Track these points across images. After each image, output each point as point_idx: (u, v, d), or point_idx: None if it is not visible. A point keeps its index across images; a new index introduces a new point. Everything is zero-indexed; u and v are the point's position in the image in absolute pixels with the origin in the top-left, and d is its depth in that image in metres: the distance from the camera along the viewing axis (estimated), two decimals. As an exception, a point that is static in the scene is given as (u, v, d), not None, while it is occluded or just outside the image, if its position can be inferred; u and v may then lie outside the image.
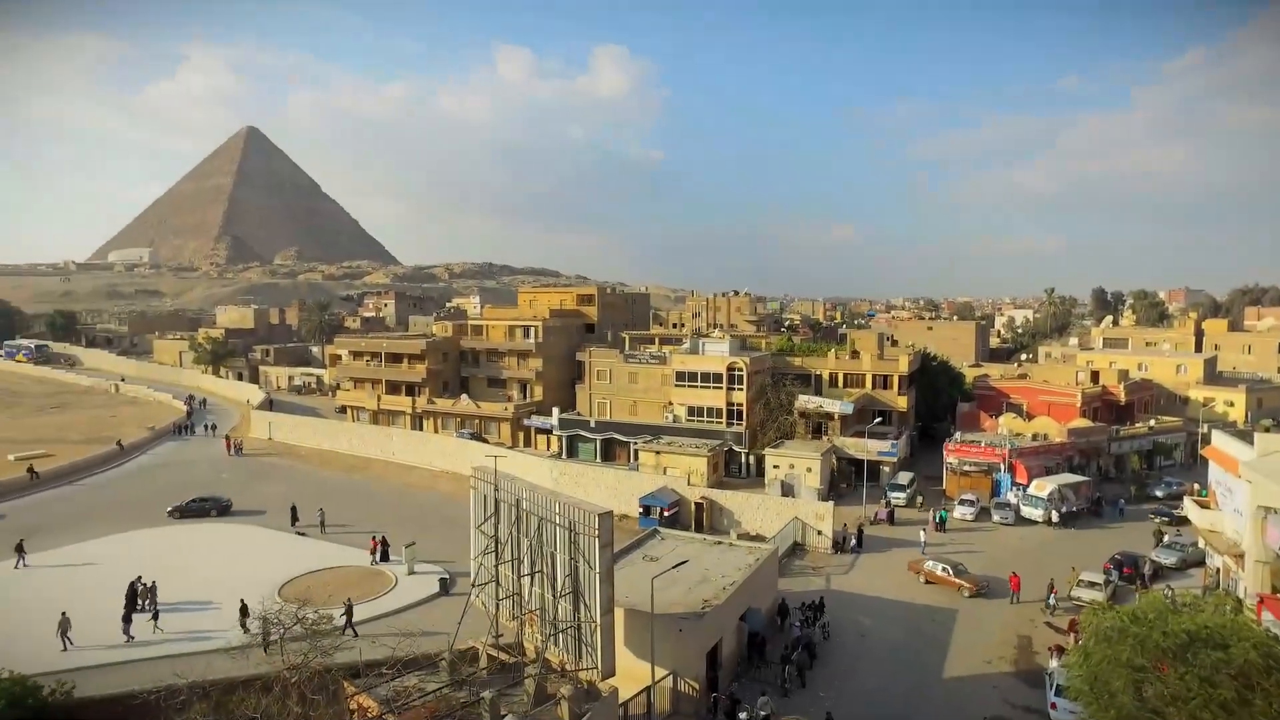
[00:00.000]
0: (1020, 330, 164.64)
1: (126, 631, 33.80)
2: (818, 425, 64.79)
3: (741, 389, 63.37)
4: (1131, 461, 63.71)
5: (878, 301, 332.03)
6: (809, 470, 55.39)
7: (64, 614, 33.29)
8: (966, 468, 57.46)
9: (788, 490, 54.59)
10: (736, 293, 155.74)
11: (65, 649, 31.86)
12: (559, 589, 26.33)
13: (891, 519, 50.98)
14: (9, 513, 53.23)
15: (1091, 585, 37.68)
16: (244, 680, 25.60)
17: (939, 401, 75.33)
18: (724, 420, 63.78)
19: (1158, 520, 50.06)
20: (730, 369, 63.67)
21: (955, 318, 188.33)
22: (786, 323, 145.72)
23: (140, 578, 37.60)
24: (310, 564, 43.01)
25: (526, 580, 27.89)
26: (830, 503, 48.27)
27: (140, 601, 36.23)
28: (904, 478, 57.41)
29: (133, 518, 51.69)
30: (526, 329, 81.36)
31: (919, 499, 55.10)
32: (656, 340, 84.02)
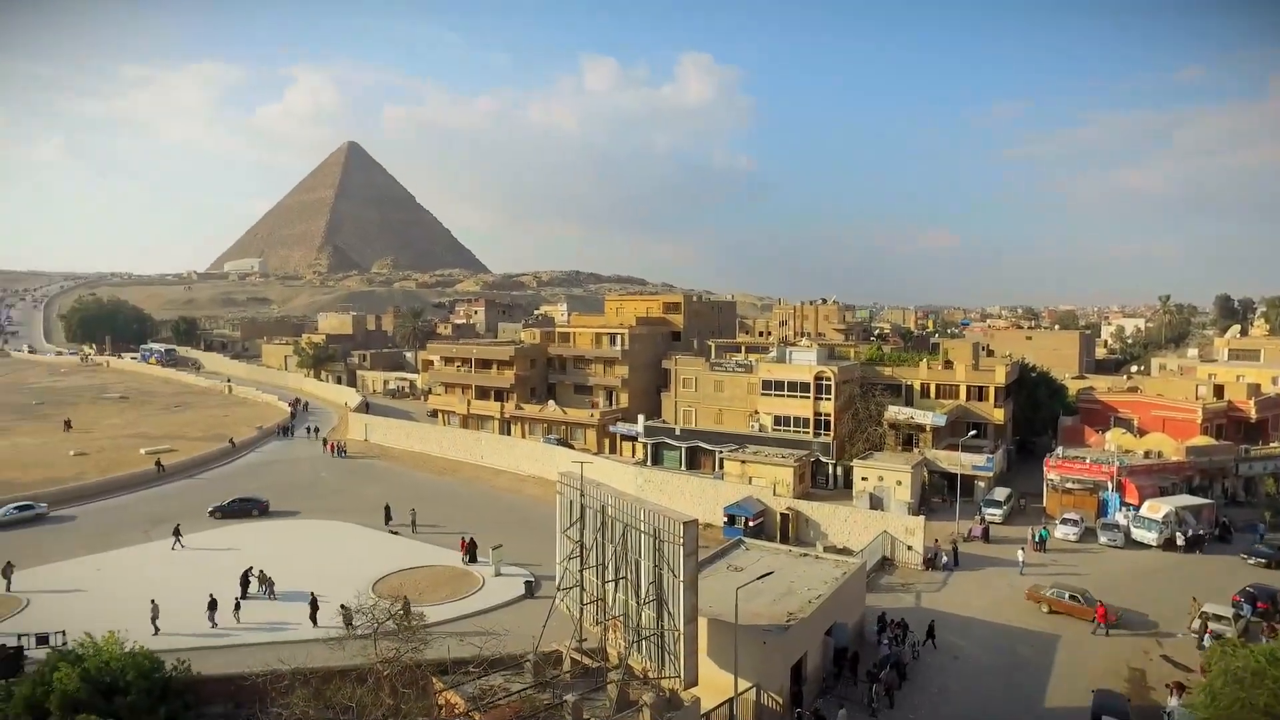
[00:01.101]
0: (1130, 340, 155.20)
1: (235, 616, 36.01)
2: (908, 437, 62.71)
3: (829, 398, 62.03)
4: (1266, 484, 58.61)
5: (972, 310, 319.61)
6: (899, 483, 53.64)
7: (153, 601, 35.67)
8: (1069, 485, 54.37)
9: (876, 503, 53.03)
10: (824, 300, 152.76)
11: (155, 634, 33.67)
12: (643, 596, 26.32)
13: (986, 536, 48.74)
14: (142, 501, 57.44)
15: (1218, 619, 34.59)
16: (340, 670, 26.72)
17: (1039, 415, 71.71)
18: (811, 430, 62.57)
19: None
20: (818, 378, 62.45)
21: (1057, 327, 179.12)
22: (876, 331, 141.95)
23: (252, 567, 40.23)
24: (402, 562, 44.47)
25: (611, 586, 28.00)
26: (921, 517, 46.54)
27: (260, 588, 39.05)
28: (1000, 493, 54.84)
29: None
30: (613, 336, 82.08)
31: (1021, 503, 52.26)
32: (742, 348, 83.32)
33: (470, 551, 44.75)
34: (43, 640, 32.27)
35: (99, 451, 73.03)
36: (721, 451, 63.07)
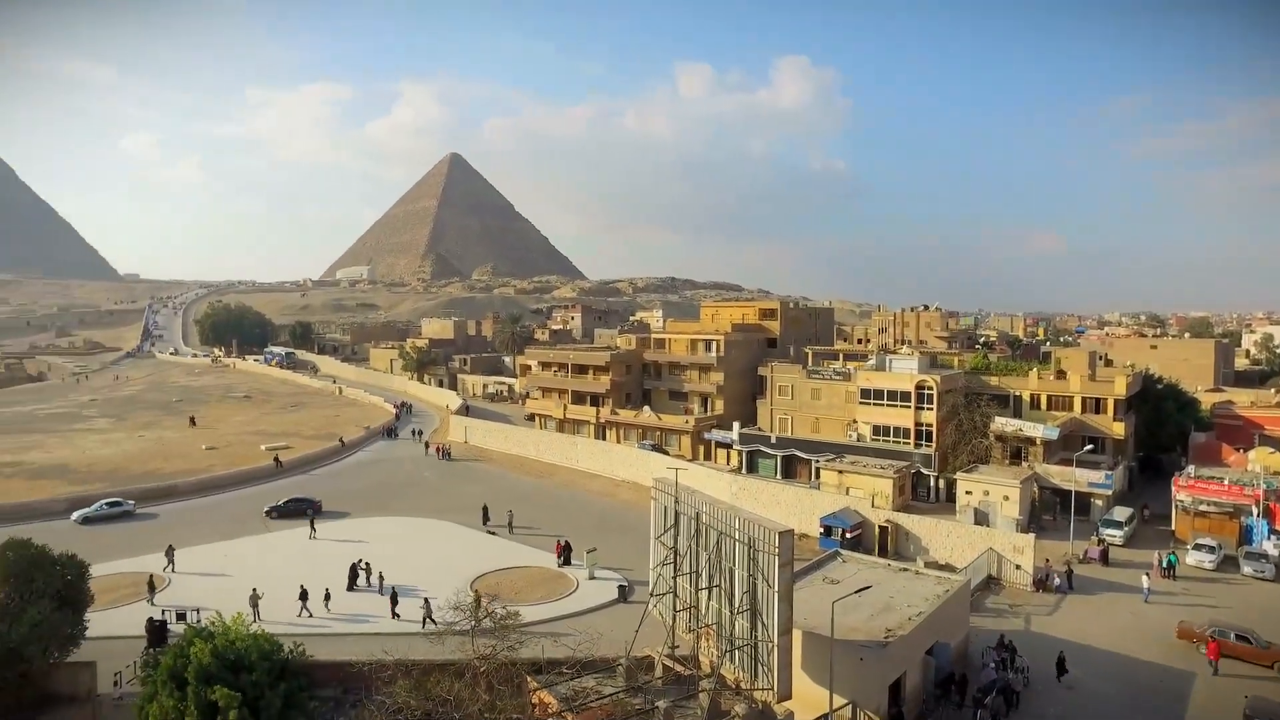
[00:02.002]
0: (1279, 350, 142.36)
1: (325, 606, 38.04)
2: (1016, 450, 59.61)
3: (931, 408, 59.78)
4: None
5: (1088, 317, 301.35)
6: (1006, 498, 51.08)
7: (255, 589, 37.85)
8: (1204, 507, 50.24)
9: (981, 519, 50.65)
10: (926, 307, 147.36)
11: (255, 620, 35.61)
12: (736, 605, 26.06)
13: (1105, 559, 45.64)
14: (262, 495, 61.21)
15: None
16: (440, 664, 27.62)
17: (1165, 430, 66.72)
18: (912, 441, 60.45)
19: None
20: (919, 387, 60.30)
21: (1187, 335, 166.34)
22: (981, 339, 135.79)
23: (361, 559, 42.36)
24: (499, 562, 45.67)
25: (704, 594, 27.86)
26: (1031, 535, 44.03)
27: (365, 579, 41.10)
28: (1121, 513, 51.30)
29: (352, 507, 57.62)
30: (708, 343, 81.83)
31: (1145, 514, 48.59)
32: (840, 356, 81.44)
33: (565, 554, 45.47)
34: (181, 617, 35.32)
35: (226, 446, 78.49)
36: (818, 461, 61.78)
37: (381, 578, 41.15)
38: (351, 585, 40.52)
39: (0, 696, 25.88)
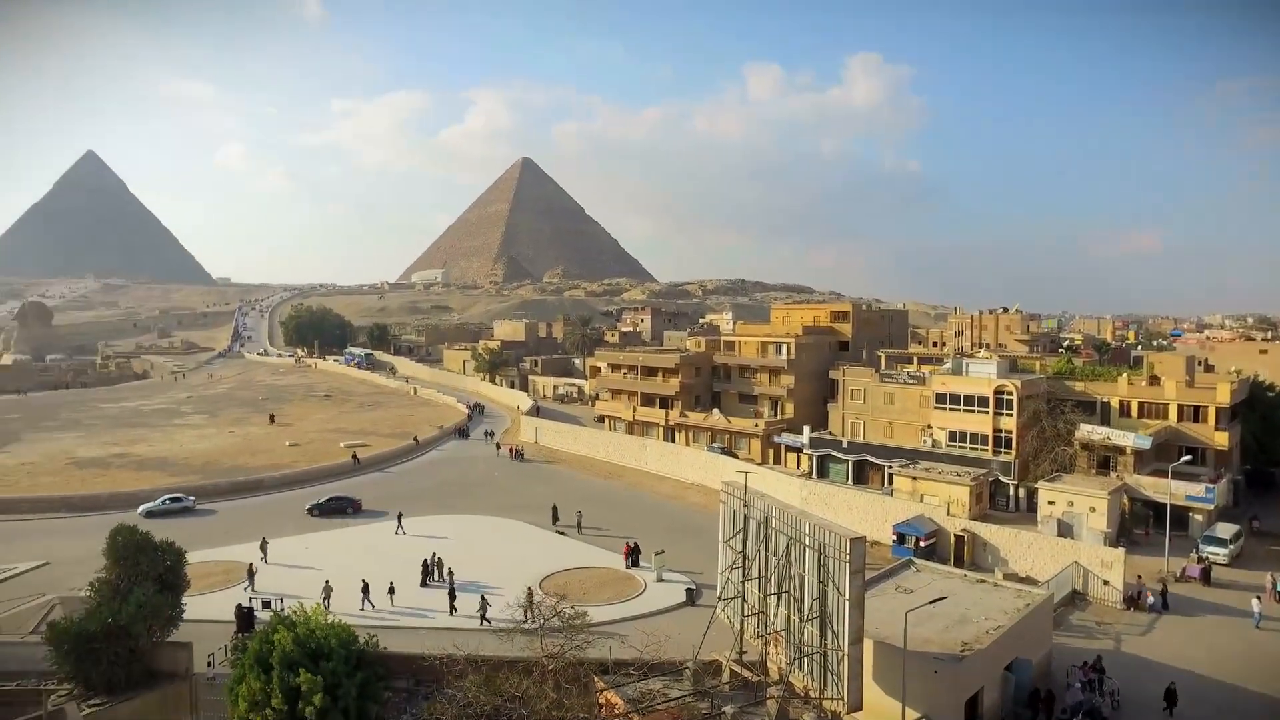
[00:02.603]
0: None
1: (389, 599, 39.21)
2: (1104, 460, 56.79)
3: (1011, 414, 57.55)
4: None
5: (1185, 319, 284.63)
6: (1093, 510, 48.65)
7: (326, 581, 39.39)
8: (1314, 524, 46.84)
9: (1065, 530, 48.41)
10: (1005, 309, 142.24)
11: (328, 610, 36.90)
12: (806, 612, 25.65)
13: (1206, 578, 42.85)
14: (342, 489, 63.57)
15: None
16: (509, 661, 28.08)
17: (1277, 441, 62.42)
18: (990, 447, 58.33)
19: None
20: (998, 392, 58.15)
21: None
22: (1065, 343, 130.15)
23: (435, 554, 43.44)
24: (568, 561, 46.15)
25: (773, 599, 27.52)
26: (1120, 550, 41.73)
27: (432, 574, 42.12)
28: (1225, 530, 48.12)
29: (425, 504, 59.19)
30: (778, 345, 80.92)
31: (1255, 526, 45.43)
32: (915, 359, 79.34)
33: (633, 556, 45.60)
34: (266, 605, 37.15)
35: (308, 443, 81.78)
36: (891, 466, 60.27)
37: (451, 574, 42.05)
38: (424, 581, 41.62)
39: (112, 669, 27.69)
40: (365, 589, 39.24)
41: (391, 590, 39.89)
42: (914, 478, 56.42)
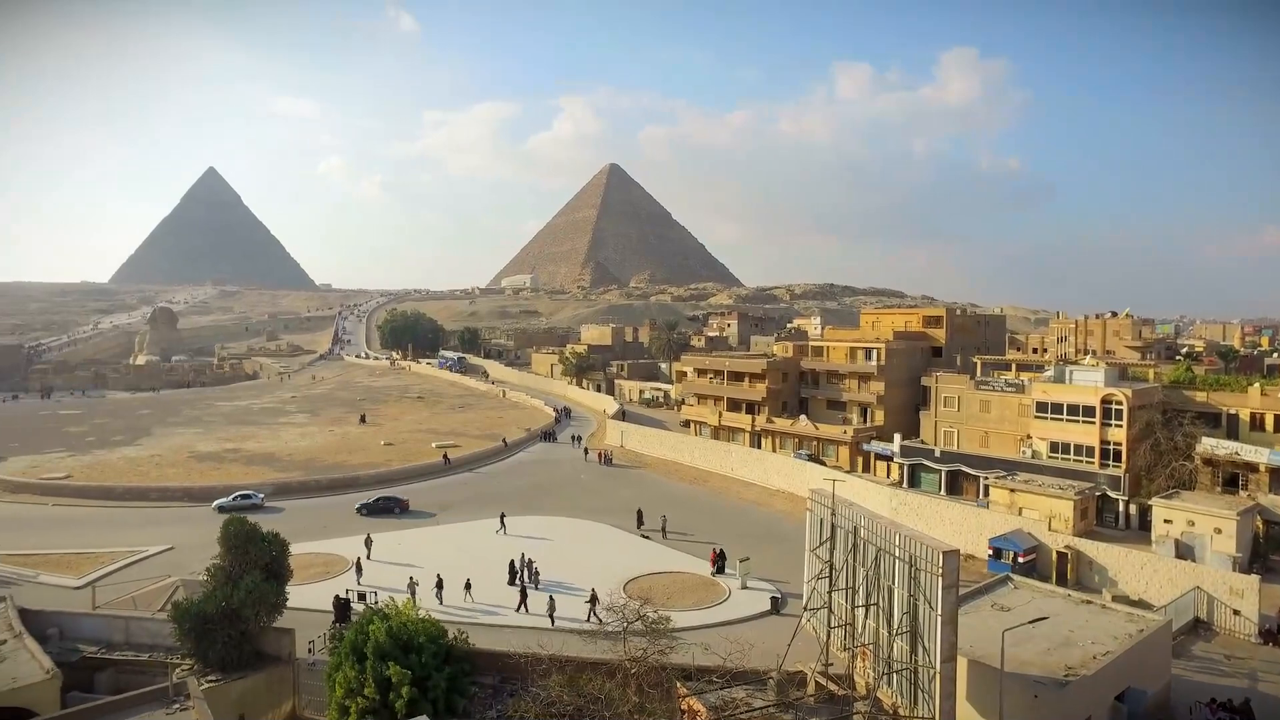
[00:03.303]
0: None
1: (466, 596, 40.18)
2: (1231, 477, 52.68)
3: (1120, 425, 54.16)
4: None
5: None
6: (1218, 531, 45.12)
7: (411, 577, 40.79)
8: None
9: (1185, 552, 45.07)
10: (1114, 314, 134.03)
11: (440, 605, 38.01)
12: (895, 626, 24.79)
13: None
14: (433, 489, 65.88)
15: None
16: (592, 662, 28.27)
17: None
18: (1096, 460, 55.04)
19: None
20: (1106, 401, 54.83)
21: None
22: (1184, 349, 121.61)
23: (525, 554, 44.21)
24: (652, 566, 46.17)
25: (860, 611, 26.74)
26: (1255, 577, 38.10)
27: (521, 574, 42.63)
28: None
29: (513, 505, 60.41)
30: (868, 351, 78.88)
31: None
32: (1013, 366, 75.82)
33: (719, 562, 45.22)
34: (361, 597, 38.71)
35: (402, 443, 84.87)
36: (987, 478, 57.70)
37: (536, 574, 42.74)
38: (512, 580, 42.35)
39: (226, 649, 29.63)
40: (439, 584, 40.52)
41: (468, 586, 40.87)
42: (1012, 490, 53.83)
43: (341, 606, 36.40)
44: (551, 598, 38.67)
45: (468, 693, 28.28)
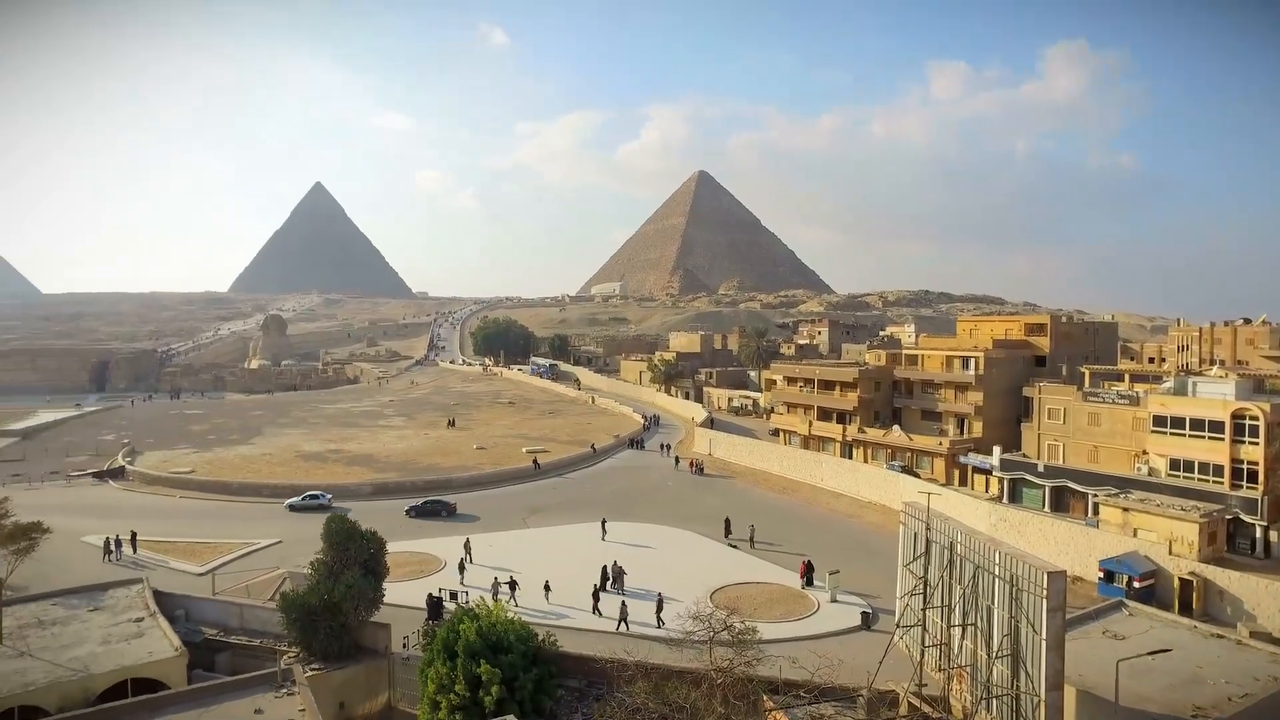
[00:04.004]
0: None
1: (545, 597, 41.05)
2: (1382, 500, 47.74)
3: (1255, 442, 49.97)
4: None
5: None
6: (1365, 560, 40.98)
7: (495, 578, 41.80)
8: None
9: (1329, 582, 41.03)
10: (1247, 320, 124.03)
11: (515, 607, 38.59)
12: (994, 648, 23.59)
13: None
14: (523, 493, 67.31)
15: None
16: (678, 670, 28.11)
17: None
18: (1226, 480, 50.95)
19: None
20: (1238, 416, 50.72)
21: None
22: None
23: (615, 561, 44.41)
24: (739, 575, 45.63)
25: (957, 631, 25.59)
26: None
27: (611, 581, 42.92)
28: None
29: (600, 511, 60.90)
30: (965, 360, 75.80)
31: None
32: (1126, 377, 71.13)
33: (807, 574, 44.26)
34: (453, 597, 39.76)
35: (493, 447, 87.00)
36: (1096, 495, 54.25)
37: (622, 579, 42.88)
38: (603, 586, 42.50)
39: (328, 640, 31.18)
40: (512, 584, 41.39)
41: (547, 588, 41.56)
42: (1126, 509, 50.41)
43: (434, 605, 37.54)
44: (624, 603, 38.95)
45: (554, 694, 28.65)
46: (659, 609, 38.47)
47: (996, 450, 64.35)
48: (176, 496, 66.84)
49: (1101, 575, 42.27)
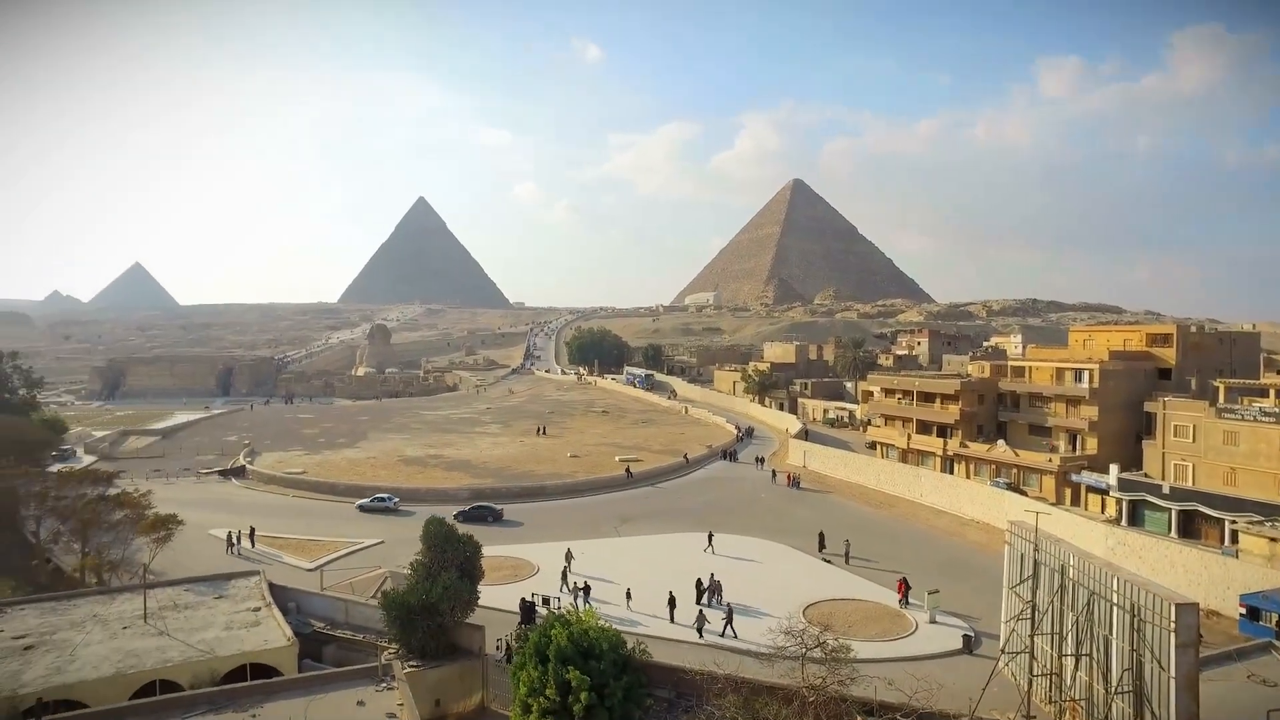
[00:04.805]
0: None
1: (627, 605, 40.78)
2: None
3: None
4: None
5: None
6: None
7: (575, 583, 42.49)
8: None
9: None
10: None
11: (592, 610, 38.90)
12: (1113, 683, 21.98)
13: None
14: (614, 501, 67.85)
15: None
16: (768, 686, 27.53)
17: None
18: (1384, 508, 45.94)
19: None
20: (1397, 437, 45.70)
21: None
22: None
23: (713, 574, 43.79)
24: (833, 591, 44.39)
25: (1070, 661, 24.02)
26: None
27: (708, 595, 42.30)
28: None
29: (690, 521, 60.75)
30: (1078, 372, 71.49)
31: None
32: (1270, 392, 65.34)
33: (905, 593, 42.59)
34: (545, 602, 40.26)
35: (587, 455, 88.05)
36: (1234, 521, 49.93)
37: (720, 592, 42.37)
38: (699, 599, 42.05)
39: (426, 639, 32.37)
40: (586, 589, 41.96)
41: (629, 595, 41.77)
42: (1273, 539, 46.11)
43: (527, 609, 38.17)
44: (701, 613, 38.90)
45: (643, 704, 28.55)
46: (728, 620, 38.37)
47: (1114, 469, 60.26)
48: (289, 495, 70.86)
49: (1244, 611, 38.58)
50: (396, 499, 65.99)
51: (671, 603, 40.40)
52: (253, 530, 54.43)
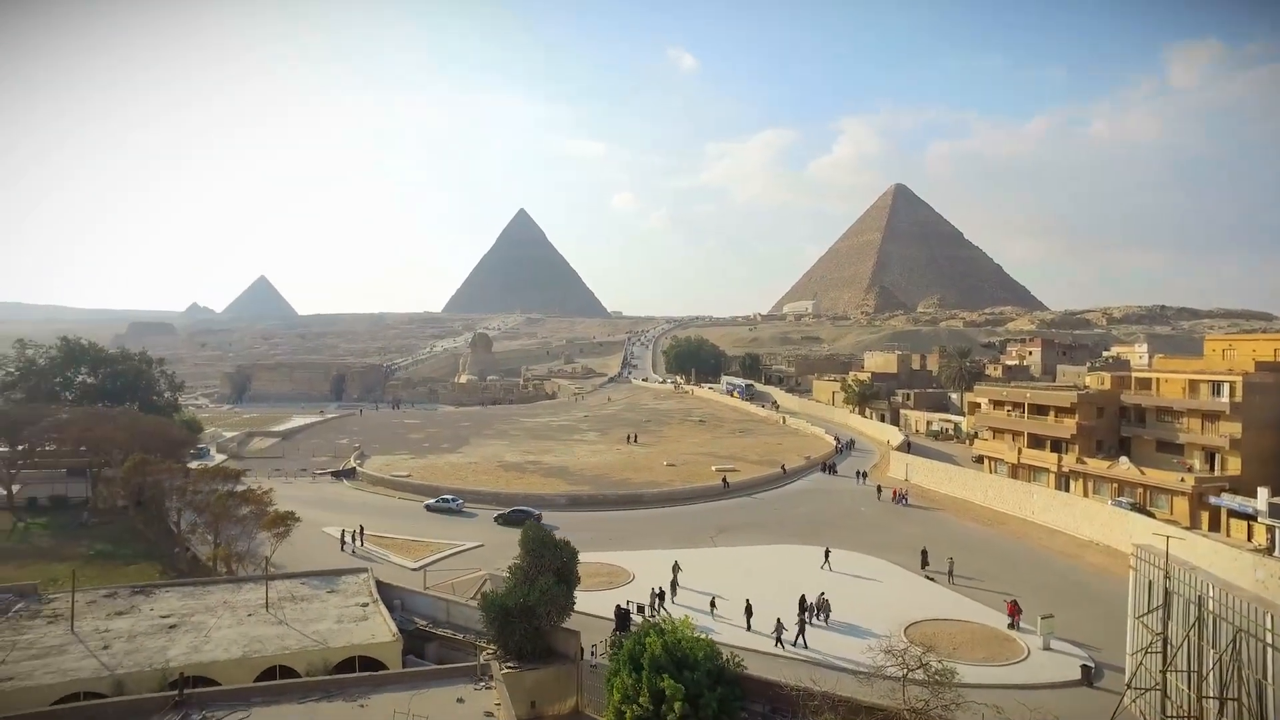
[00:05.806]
0: None
1: (746, 622, 40.07)
2: None
3: None
4: None
5: None
6: None
7: (653, 589, 42.50)
8: None
9: None
10: None
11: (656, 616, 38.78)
12: (1260, 726, 20.05)
13: None
14: (710, 511, 67.48)
15: None
16: (867, 706, 26.61)
17: None
18: None
19: None
20: None
21: None
22: None
23: (822, 593, 42.52)
24: (937, 611, 42.55)
25: (1212, 705, 22.08)
26: None
27: (812, 613, 41.12)
28: None
29: (786, 533, 59.60)
30: (1216, 385, 65.94)
31: None
32: None
33: (1015, 616, 40.33)
34: (640, 610, 40.46)
35: (683, 464, 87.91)
36: (1400, 552, 44.83)
37: (821, 610, 41.32)
38: (801, 613, 40.98)
39: (523, 641, 33.22)
40: (660, 596, 42.19)
41: (713, 605, 41.71)
42: None
43: (622, 616, 38.38)
44: (779, 621, 38.27)
45: (738, 716, 28.14)
46: (748, 616, 39.32)
47: (1263, 492, 55.08)
48: (395, 497, 74.00)
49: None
50: (461, 500, 69.08)
51: (748, 611, 40.02)
52: (361, 529, 57.22)
